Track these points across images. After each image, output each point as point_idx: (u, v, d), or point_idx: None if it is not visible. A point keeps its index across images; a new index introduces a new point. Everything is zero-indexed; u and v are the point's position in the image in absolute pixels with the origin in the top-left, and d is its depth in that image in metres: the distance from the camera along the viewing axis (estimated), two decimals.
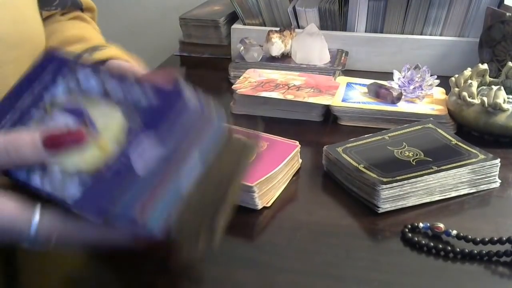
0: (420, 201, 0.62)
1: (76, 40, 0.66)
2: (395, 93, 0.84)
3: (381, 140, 0.71)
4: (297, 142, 0.69)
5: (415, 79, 0.86)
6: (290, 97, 0.84)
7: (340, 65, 0.99)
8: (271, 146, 0.68)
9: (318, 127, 0.84)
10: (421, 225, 0.58)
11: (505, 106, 0.75)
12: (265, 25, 1.12)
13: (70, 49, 0.64)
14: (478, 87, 0.81)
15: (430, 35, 1.05)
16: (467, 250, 0.54)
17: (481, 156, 0.66)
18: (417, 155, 0.67)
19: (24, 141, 0.41)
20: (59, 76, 0.45)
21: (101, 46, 0.64)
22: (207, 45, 1.17)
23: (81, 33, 0.69)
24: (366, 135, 0.72)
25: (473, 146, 0.68)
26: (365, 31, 1.07)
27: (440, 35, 1.05)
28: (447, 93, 0.86)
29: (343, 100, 0.85)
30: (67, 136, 0.41)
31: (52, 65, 0.46)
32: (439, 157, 0.66)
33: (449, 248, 0.54)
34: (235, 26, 1.12)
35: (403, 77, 0.87)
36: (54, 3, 0.70)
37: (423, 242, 0.55)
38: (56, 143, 0.41)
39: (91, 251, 0.50)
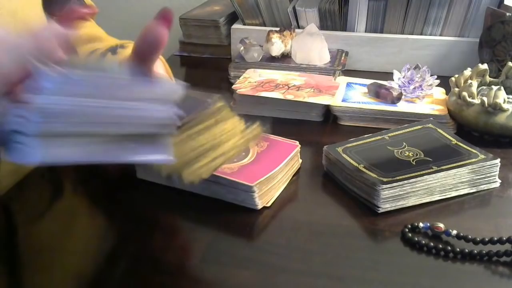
0: (420, 201, 0.62)
1: (90, 38, 0.66)
2: (395, 93, 0.84)
3: (381, 140, 0.71)
4: (297, 142, 0.69)
5: (415, 79, 0.86)
6: (290, 97, 0.84)
7: (340, 65, 0.99)
8: (271, 146, 0.68)
9: (318, 127, 0.84)
10: (421, 225, 0.58)
11: (505, 106, 0.75)
12: (265, 25, 1.12)
13: (86, 48, 0.64)
14: (478, 87, 0.81)
15: (430, 35, 1.05)
16: (467, 250, 0.54)
17: (481, 156, 0.66)
18: (417, 155, 0.67)
19: None
20: None
21: (123, 43, 0.63)
22: (207, 45, 1.17)
23: (93, 32, 0.68)
24: (366, 135, 0.72)
25: (473, 146, 0.68)
26: (365, 31, 1.07)
27: (440, 35, 1.05)
28: (447, 93, 0.86)
29: (343, 100, 0.85)
30: None
31: None
32: (439, 157, 0.66)
33: (449, 248, 0.54)
34: (235, 26, 1.12)
35: (403, 77, 0.87)
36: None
37: (423, 242, 0.55)
38: None
39: None
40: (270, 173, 0.62)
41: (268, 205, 0.62)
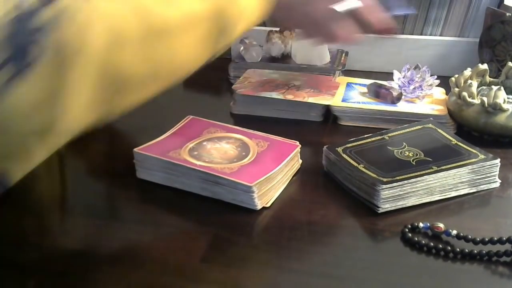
0: (420, 201, 0.62)
1: None
2: (395, 93, 0.84)
3: (381, 140, 0.71)
4: (297, 142, 0.69)
5: (415, 79, 0.86)
6: (290, 97, 0.84)
7: (340, 65, 0.99)
8: (271, 146, 0.68)
9: (318, 127, 0.84)
10: (421, 225, 0.58)
11: (505, 106, 0.75)
12: (265, 25, 1.12)
13: None
14: (478, 87, 0.81)
15: (430, 35, 1.05)
16: (467, 250, 0.54)
17: (481, 156, 0.66)
18: (417, 155, 0.67)
19: None
20: None
21: None
22: None
23: None
24: (366, 135, 0.72)
25: (473, 146, 0.68)
26: None
27: (440, 35, 1.05)
28: (447, 93, 0.86)
29: (343, 100, 0.85)
30: None
31: None
32: (439, 157, 0.66)
33: (449, 248, 0.54)
34: None
35: (403, 77, 0.87)
36: None
37: (423, 242, 0.55)
38: None
39: None
40: (270, 173, 0.62)
41: (268, 205, 0.62)
